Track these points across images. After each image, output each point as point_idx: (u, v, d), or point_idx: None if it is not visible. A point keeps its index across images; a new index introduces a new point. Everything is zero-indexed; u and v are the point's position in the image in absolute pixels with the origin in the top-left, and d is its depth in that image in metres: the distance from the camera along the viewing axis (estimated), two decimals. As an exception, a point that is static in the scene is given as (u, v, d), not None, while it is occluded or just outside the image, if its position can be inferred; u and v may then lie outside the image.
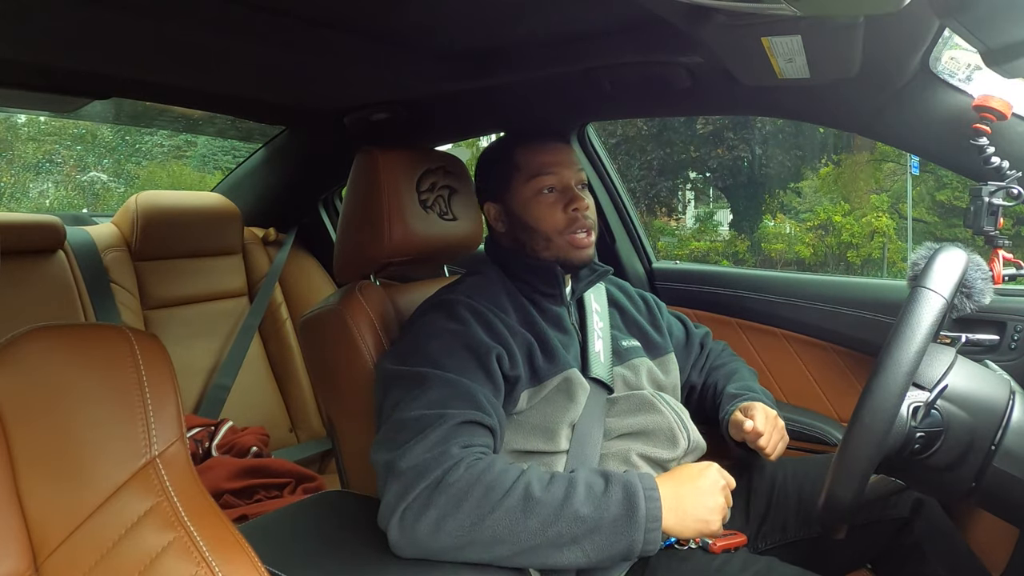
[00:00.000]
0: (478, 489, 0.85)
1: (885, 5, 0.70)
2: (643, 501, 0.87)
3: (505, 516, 0.84)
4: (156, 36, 1.15)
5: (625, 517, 0.86)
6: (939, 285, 0.83)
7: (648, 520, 0.87)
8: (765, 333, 1.68)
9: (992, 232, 1.16)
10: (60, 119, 5.74)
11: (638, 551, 0.87)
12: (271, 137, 2.13)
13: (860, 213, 9.21)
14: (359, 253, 1.25)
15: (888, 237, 9.08)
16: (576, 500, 0.86)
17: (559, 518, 0.85)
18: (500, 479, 0.86)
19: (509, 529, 0.84)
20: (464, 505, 0.84)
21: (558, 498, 0.86)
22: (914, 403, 0.87)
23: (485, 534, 0.84)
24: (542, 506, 0.85)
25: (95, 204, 7.41)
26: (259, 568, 0.65)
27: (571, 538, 0.85)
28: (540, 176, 1.14)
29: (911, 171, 8.68)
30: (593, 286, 1.22)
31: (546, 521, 0.85)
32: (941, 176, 8.42)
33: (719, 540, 1.01)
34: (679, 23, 0.90)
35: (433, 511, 0.84)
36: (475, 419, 0.92)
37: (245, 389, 2.00)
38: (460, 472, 0.86)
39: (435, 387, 0.94)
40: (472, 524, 0.84)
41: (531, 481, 0.88)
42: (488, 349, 1.00)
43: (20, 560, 0.61)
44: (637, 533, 0.86)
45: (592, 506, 0.86)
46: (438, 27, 1.23)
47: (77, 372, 0.65)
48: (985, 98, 1.11)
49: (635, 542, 0.86)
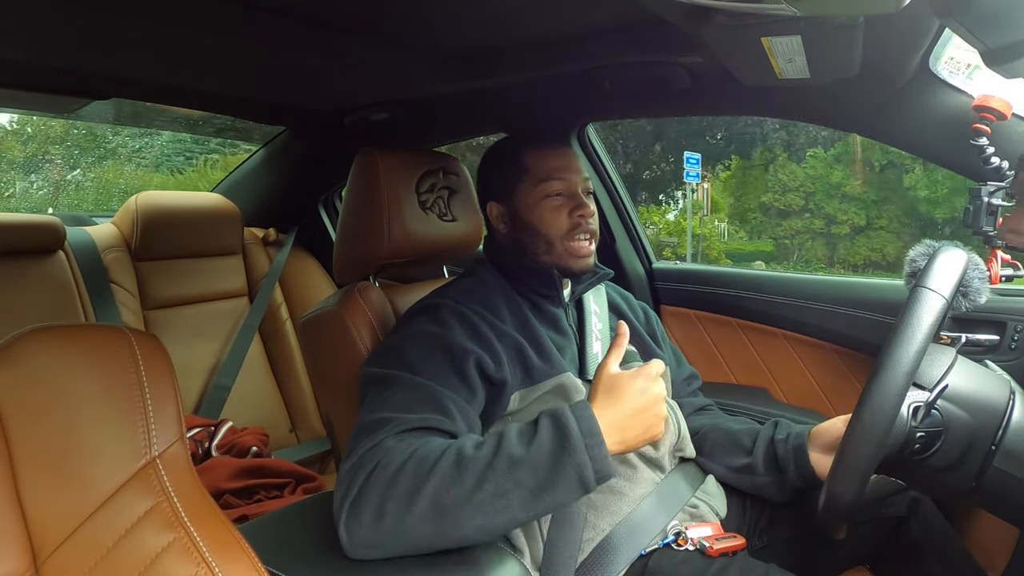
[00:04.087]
0: (410, 464, 0.82)
1: (885, 5, 0.70)
2: (574, 422, 0.84)
3: (440, 481, 0.80)
4: (156, 36, 1.15)
5: (560, 443, 0.82)
6: (939, 285, 0.83)
7: (586, 437, 0.83)
8: (765, 333, 1.68)
9: (991, 232, 1.16)
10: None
11: (590, 474, 0.82)
12: (271, 137, 2.13)
13: (721, 216, 9.85)
14: (359, 254, 1.25)
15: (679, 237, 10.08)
16: (507, 445, 0.83)
17: (494, 468, 0.81)
18: (432, 451, 0.84)
19: (446, 493, 0.80)
20: (399, 480, 0.81)
21: (490, 449, 0.83)
22: (914, 403, 0.87)
23: (424, 504, 0.79)
24: (475, 461, 0.82)
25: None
26: (259, 568, 0.65)
27: (514, 483, 0.81)
28: (549, 181, 1.14)
29: (688, 181, 9.33)
30: (593, 288, 1.22)
31: (482, 474, 0.81)
32: (767, 180, 8.77)
33: (717, 544, 1.01)
34: (679, 23, 0.90)
35: (372, 496, 0.81)
36: (432, 424, 0.90)
37: (245, 389, 2.00)
38: (393, 456, 0.84)
39: (402, 390, 0.93)
40: (409, 496, 0.80)
41: (463, 444, 0.85)
42: (466, 354, 0.98)
43: (20, 560, 0.61)
44: (578, 453, 0.82)
45: (523, 445, 0.83)
46: (438, 27, 1.23)
47: (77, 372, 0.65)
48: (985, 98, 1.11)
49: (581, 464, 0.81)
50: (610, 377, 0.91)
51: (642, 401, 0.89)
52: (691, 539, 1.02)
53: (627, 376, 0.91)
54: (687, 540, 1.02)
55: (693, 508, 1.09)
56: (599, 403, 0.89)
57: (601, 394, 0.90)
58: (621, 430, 0.87)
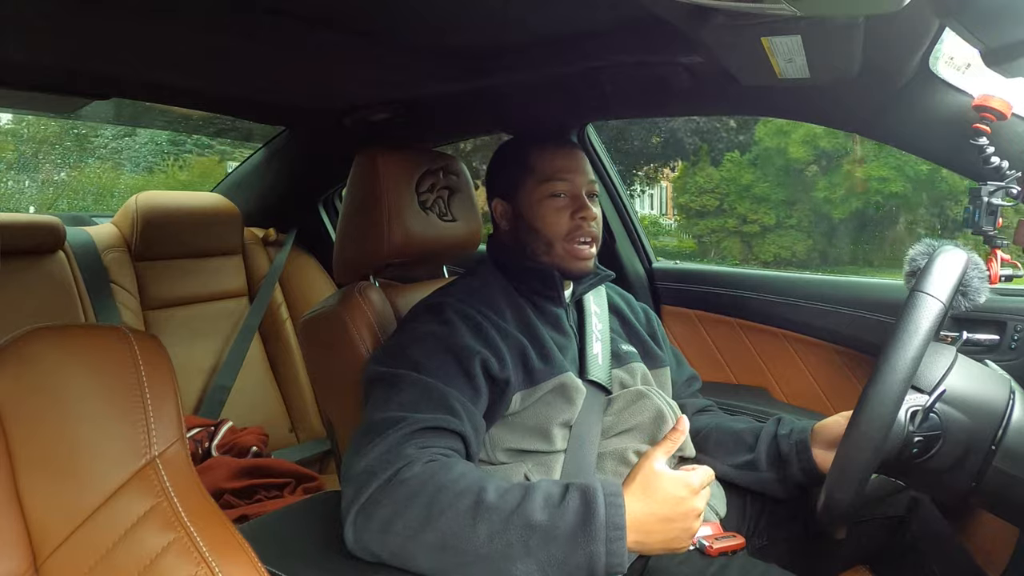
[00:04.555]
0: (430, 488, 0.80)
1: (885, 5, 0.70)
2: (602, 508, 0.78)
3: (454, 519, 0.78)
4: (156, 36, 1.15)
5: (582, 525, 0.78)
6: (937, 290, 0.83)
7: (609, 528, 0.78)
8: (765, 333, 1.68)
9: (991, 232, 1.16)
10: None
11: (601, 566, 0.77)
12: (271, 137, 2.13)
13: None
14: (359, 254, 1.25)
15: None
16: (530, 507, 0.79)
17: (510, 526, 0.78)
18: (454, 481, 0.81)
19: (456, 535, 0.78)
20: (414, 504, 0.79)
21: (511, 505, 0.79)
22: (912, 407, 0.86)
23: (431, 537, 0.78)
24: (493, 512, 0.78)
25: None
26: (259, 568, 0.65)
27: (523, 549, 0.77)
28: (552, 181, 1.13)
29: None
30: (593, 288, 1.22)
31: (496, 529, 0.78)
32: (687, 182, 9.10)
33: (717, 543, 1.01)
34: (679, 23, 0.90)
35: (384, 509, 0.80)
36: (442, 424, 0.90)
37: (245, 389, 2.00)
38: (414, 470, 0.82)
39: (408, 389, 0.93)
40: (420, 525, 0.79)
41: (486, 487, 0.81)
42: (472, 353, 0.98)
43: (20, 560, 0.61)
44: (596, 544, 0.77)
45: (547, 514, 0.78)
46: (438, 27, 1.23)
47: (77, 372, 0.65)
48: (985, 98, 1.11)
49: (595, 554, 0.77)
50: (653, 471, 0.84)
51: (678, 511, 0.82)
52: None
53: (670, 478, 0.84)
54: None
55: (693, 508, 1.08)
56: (632, 494, 0.82)
57: (637, 485, 0.83)
58: (645, 531, 0.81)
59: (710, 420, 1.25)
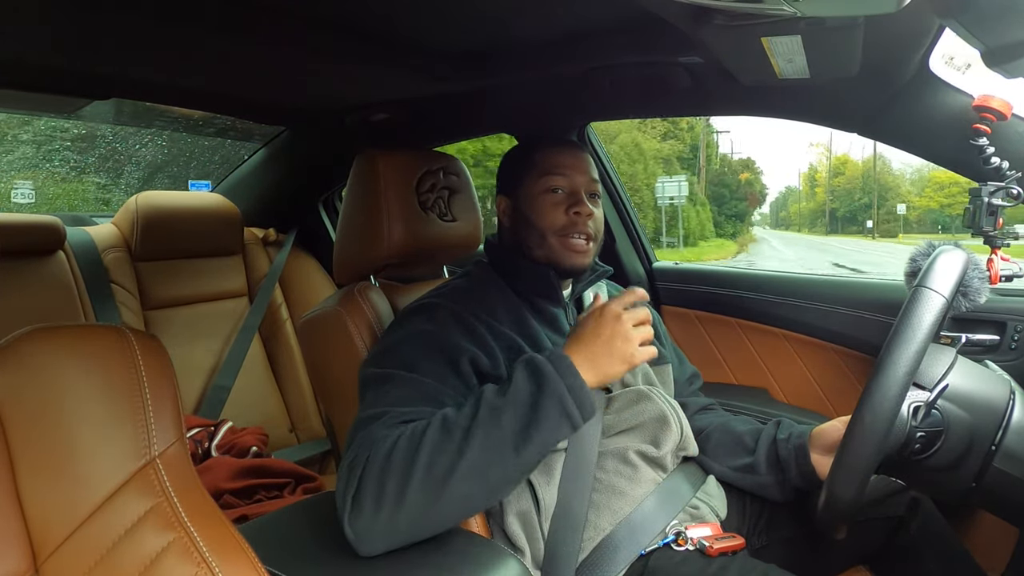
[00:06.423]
0: (401, 441, 0.85)
1: (885, 5, 0.70)
2: (547, 363, 0.88)
3: (432, 447, 0.83)
4: (157, 36, 1.15)
5: (535, 381, 0.87)
6: (940, 285, 0.83)
7: (559, 369, 0.88)
8: (765, 333, 1.68)
9: (991, 232, 1.16)
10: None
11: (571, 404, 0.87)
12: (271, 137, 2.13)
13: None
14: (359, 254, 1.25)
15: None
16: (487, 398, 0.87)
17: (478, 420, 0.85)
18: (419, 425, 0.87)
19: (440, 455, 0.82)
20: (393, 459, 0.83)
21: (472, 407, 0.87)
22: (914, 403, 0.87)
23: (420, 475, 0.81)
24: (460, 419, 0.86)
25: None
26: (259, 568, 0.65)
27: (498, 429, 0.84)
28: (551, 175, 1.13)
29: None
30: (592, 285, 1.22)
31: (468, 429, 0.84)
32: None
33: (717, 543, 1.01)
34: (679, 23, 0.90)
35: (369, 483, 0.82)
36: (427, 417, 0.90)
37: (245, 389, 2.00)
38: (384, 442, 0.85)
39: (398, 387, 0.94)
40: (405, 471, 0.82)
41: (446, 412, 0.88)
42: (461, 352, 0.99)
43: (20, 560, 0.61)
44: (554, 384, 0.87)
45: (502, 394, 0.87)
46: (438, 27, 1.23)
47: (77, 372, 0.65)
48: (985, 98, 1.11)
49: (559, 396, 0.86)
50: (578, 320, 0.99)
51: (606, 330, 0.93)
52: (691, 539, 1.02)
53: (589, 314, 0.97)
54: (687, 540, 1.02)
55: (693, 508, 1.09)
56: (567, 346, 0.94)
57: (569, 339, 0.96)
58: (593, 360, 0.91)
59: (712, 419, 1.25)
